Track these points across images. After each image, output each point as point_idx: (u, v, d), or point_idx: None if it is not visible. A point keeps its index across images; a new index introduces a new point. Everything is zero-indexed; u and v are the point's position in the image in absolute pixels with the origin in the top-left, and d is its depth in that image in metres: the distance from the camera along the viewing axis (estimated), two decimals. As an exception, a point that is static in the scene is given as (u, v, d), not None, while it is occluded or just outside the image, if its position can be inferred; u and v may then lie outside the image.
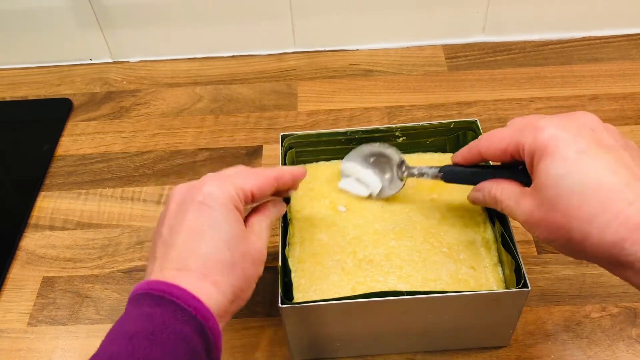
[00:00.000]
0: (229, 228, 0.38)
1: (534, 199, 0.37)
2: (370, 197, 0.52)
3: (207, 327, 0.35)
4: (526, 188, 0.38)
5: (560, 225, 0.35)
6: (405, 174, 0.50)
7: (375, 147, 0.53)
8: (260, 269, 0.40)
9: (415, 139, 0.56)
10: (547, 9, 0.74)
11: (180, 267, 0.36)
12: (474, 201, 0.44)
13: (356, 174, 0.53)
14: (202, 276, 0.36)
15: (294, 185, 0.46)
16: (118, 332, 0.34)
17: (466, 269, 0.47)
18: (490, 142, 0.40)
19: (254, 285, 0.40)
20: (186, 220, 0.38)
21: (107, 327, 0.52)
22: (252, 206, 0.44)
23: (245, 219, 0.42)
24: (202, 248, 0.37)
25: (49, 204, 0.63)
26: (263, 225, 0.42)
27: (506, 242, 0.46)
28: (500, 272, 0.47)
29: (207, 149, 0.67)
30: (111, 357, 0.32)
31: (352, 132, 0.55)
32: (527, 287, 0.42)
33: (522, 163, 0.39)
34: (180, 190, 0.40)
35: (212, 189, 0.38)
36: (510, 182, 0.40)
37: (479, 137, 0.42)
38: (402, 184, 0.51)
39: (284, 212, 0.47)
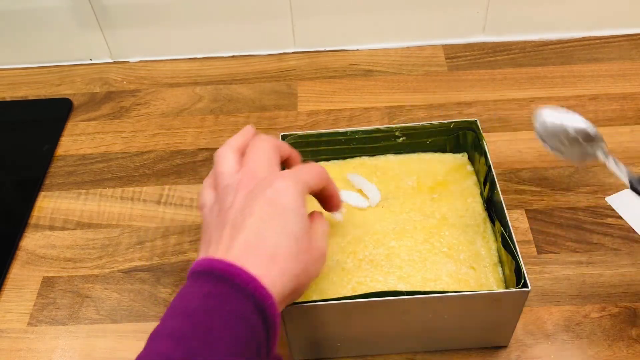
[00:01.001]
0: (298, 221, 0.39)
1: None
2: (368, 206, 0.53)
3: (266, 305, 0.35)
4: None
5: None
6: (600, 157, 0.48)
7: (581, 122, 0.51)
8: (319, 269, 0.41)
9: (415, 139, 0.56)
10: (547, 9, 0.74)
11: (248, 249, 0.37)
12: None
13: (361, 186, 0.53)
14: (270, 261, 0.37)
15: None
16: (178, 308, 0.35)
17: (466, 269, 0.48)
18: None
19: (309, 285, 0.40)
20: (257, 209, 0.38)
21: (107, 327, 0.53)
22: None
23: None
24: (272, 235, 0.38)
25: (49, 204, 0.63)
26: (325, 229, 0.43)
27: (506, 242, 0.46)
28: (500, 272, 0.48)
29: (207, 149, 0.67)
30: (172, 331, 0.34)
31: (352, 132, 0.55)
32: (527, 287, 0.42)
33: None
34: (247, 183, 0.40)
35: (284, 184, 0.39)
36: None
37: None
38: (585, 162, 0.50)
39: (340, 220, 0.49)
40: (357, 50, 0.78)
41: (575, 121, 0.51)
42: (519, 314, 0.46)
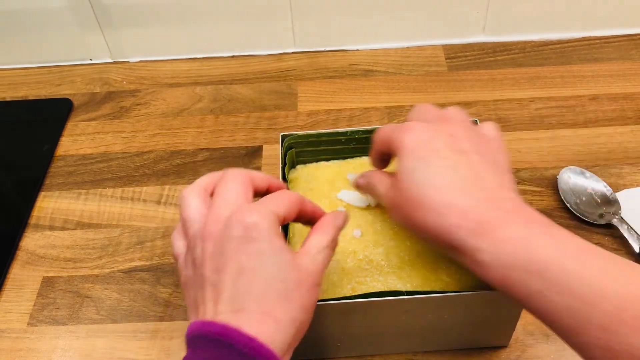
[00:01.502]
0: (278, 259, 0.36)
1: (394, 187, 0.41)
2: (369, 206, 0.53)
3: None
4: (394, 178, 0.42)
5: (407, 212, 0.39)
6: (614, 221, 0.56)
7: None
8: (316, 294, 0.38)
9: (415, 139, 0.56)
10: (547, 9, 0.74)
11: (236, 309, 0.35)
12: (357, 184, 0.49)
13: None
14: (262, 315, 0.34)
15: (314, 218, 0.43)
16: None
17: (466, 268, 0.47)
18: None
19: (312, 314, 0.38)
20: (231, 259, 0.35)
21: (107, 327, 0.53)
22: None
23: (305, 239, 0.40)
24: (255, 285, 0.35)
25: (49, 204, 0.63)
26: (323, 244, 0.39)
27: (506, 242, 0.46)
28: (500, 272, 0.47)
29: (207, 149, 0.67)
30: None
31: (352, 132, 0.55)
32: (527, 287, 0.42)
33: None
34: (213, 228, 0.37)
35: (253, 219, 0.36)
36: (385, 173, 0.45)
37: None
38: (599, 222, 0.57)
39: (347, 222, 0.43)
40: (357, 50, 0.78)
41: (595, 184, 0.59)
42: (519, 314, 0.46)
